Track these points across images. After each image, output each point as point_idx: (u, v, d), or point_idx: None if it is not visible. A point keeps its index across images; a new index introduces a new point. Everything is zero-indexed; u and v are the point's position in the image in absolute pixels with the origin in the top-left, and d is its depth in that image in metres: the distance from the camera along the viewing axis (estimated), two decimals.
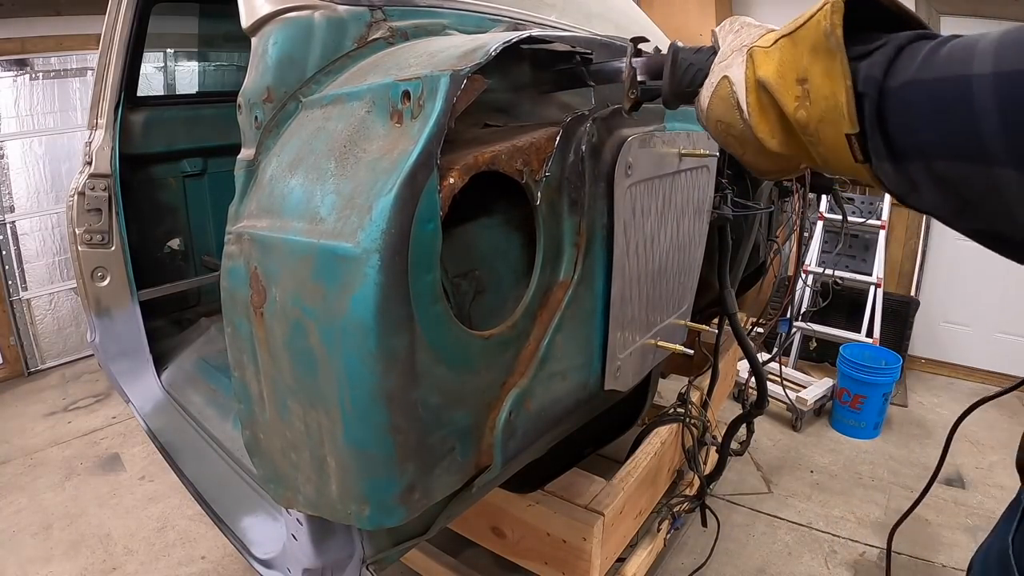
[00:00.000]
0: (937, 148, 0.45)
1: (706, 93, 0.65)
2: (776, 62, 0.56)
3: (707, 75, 0.66)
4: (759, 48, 0.58)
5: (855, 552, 2.25)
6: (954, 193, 0.46)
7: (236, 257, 0.82)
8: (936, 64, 0.45)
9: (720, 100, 0.62)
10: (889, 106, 0.47)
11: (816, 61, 0.52)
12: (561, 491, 1.45)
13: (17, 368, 3.64)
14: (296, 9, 0.88)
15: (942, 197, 0.47)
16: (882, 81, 0.47)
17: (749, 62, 0.59)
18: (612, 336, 0.99)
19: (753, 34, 0.61)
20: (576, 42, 0.90)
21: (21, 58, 3.44)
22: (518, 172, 0.78)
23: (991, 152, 0.41)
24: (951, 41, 0.46)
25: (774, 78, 0.56)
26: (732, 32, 0.64)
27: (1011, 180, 0.41)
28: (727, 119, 0.62)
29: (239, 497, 1.40)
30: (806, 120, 0.54)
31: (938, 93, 0.44)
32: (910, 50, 0.47)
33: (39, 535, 2.30)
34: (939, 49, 0.46)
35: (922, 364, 3.82)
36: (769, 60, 0.57)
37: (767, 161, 0.62)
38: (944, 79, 0.43)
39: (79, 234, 1.80)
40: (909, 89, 0.46)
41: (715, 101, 0.63)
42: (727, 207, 1.34)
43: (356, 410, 0.69)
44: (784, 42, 0.55)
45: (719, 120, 0.63)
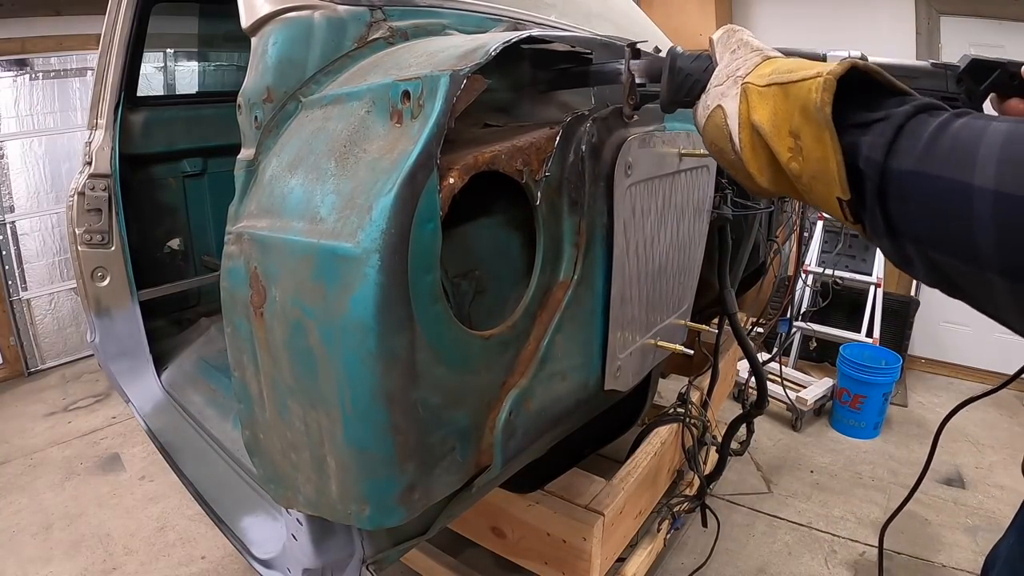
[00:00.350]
0: (933, 241, 0.46)
1: (702, 113, 0.65)
2: (770, 110, 0.56)
3: (703, 88, 0.66)
4: (753, 87, 0.58)
5: (855, 552, 2.25)
6: (947, 279, 0.48)
7: (236, 257, 0.82)
8: (938, 157, 0.45)
9: (714, 127, 0.63)
10: (889, 190, 0.48)
11: (806, 124, 0.53)
12: (561, 491, 1.45)
13: (17, 368, 3.64)
14: (296, 9, 0.88)
15: (935, 278, 0.49)
16: (882, 163, 0.48)
17: (743, 98, 0.59)
18: (612, 336, 0.99)
19: (748, 62, 0.61)
20: (576, 42, 0.91)
21: (21, 58, 3.44)
22: (518, 172, 0.78)
23: (984, 259, 0.42)
24: (953, 124, 0.46)
25: (768, 126, 0.56)
26: (728, 51, 0.64)
27: (1002, 287, 0.43)
28: (720, 145, 0.63)
29: (239, 497, 1.40)
30: (799, 172, 0.55)
31: (938, 193, 0.45)
32: (911, 130, 0.48)
33: (39, 535, 2.31)
34: (941, 135, 0.46)
35: (922, 364, 3.83)
36: (763, 104, 0.57)
37: (757, 189, 0.63)
38: (945, 180, 0.44)
39: (79, 234, 1.80)
40: (910, 180, 0.46)
41: (709, 127, 0.64)
42: (727, 207, 1.34)
43: (356, 410, 0.69)
44: (777, 90, 0.56)
45: (713, 143, 0.64)
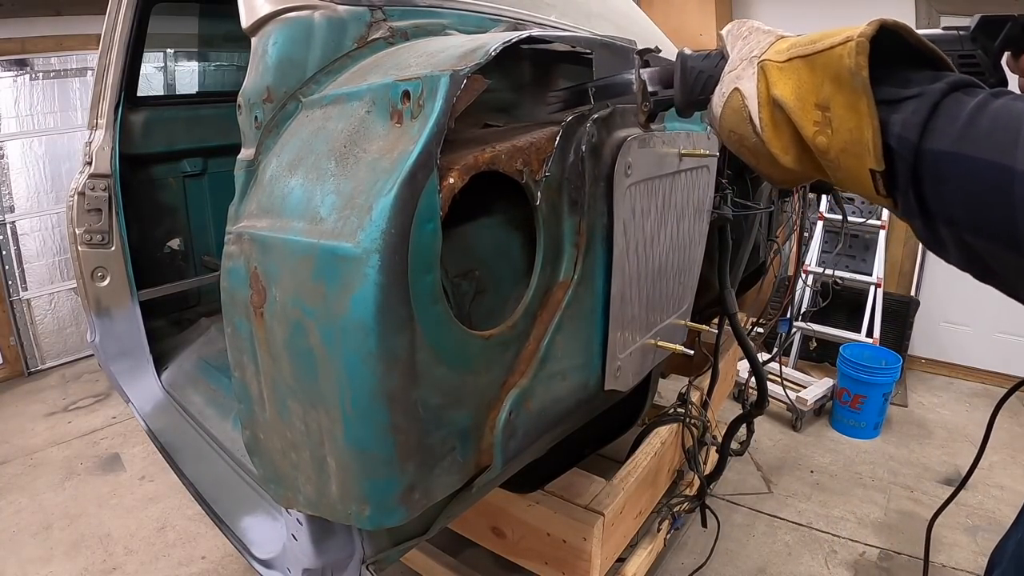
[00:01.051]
0: (970, 224, 0.45)
1: (717, 102, 0.64)
2: (793, 83, 0.54)
3: (717, 82, 0.64)
4: (772, 63, 0.57)
5: (855, 552, 2.25)
6: (981, 262, 0.47)
7: (236, 257, 0.82)
8: (977, 138, 0.44)
9: (732, 112, 0.61)
10: (924, 170, 0.47)
11: (838, 92, 0.51)
12: (561, 491, 1.45)
13: (17, 368, 3.64)
14: (296, 9, 0.88)
15: (968, 260, 0.48)
16: (917, 143, 0.46)
17: (761, 76, 0.58)
18: (612, 336, 0.99)
19: (762, 42, 0.60)
20: (576, 42, 0.91)
21: (21, 58, 3.44)
22: (518, 172, 0.78)
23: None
24: (991, 104, 0.45)
25: (791, 100, 0.54)
26: (740, 38, 0.63)
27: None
28: (739, 131, 0.61)
29: (239, 497, 1.40)
30: (826, 147, 0.53)
31: (978, 175, 0.43)
32: (947, 108, 0.46)
33: (39, 535, 2.31)
34: (979, 116, 0.44)
35: (922, 364, 3.83)
36: (784, 79, 0.55)
37: (781, 173, 0.61)
38: (985, 163, 0.43)
39: (79, 234, 1.80)
40: (947, 160, 0.45)
41: (727, 112, 0.62)
42: (727, 207, 1.34)
43: (356, 410, 0.69)
44: (800, 63, 0.54)
45: (731, 131, 0.62)
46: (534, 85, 0.99)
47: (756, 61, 0.59)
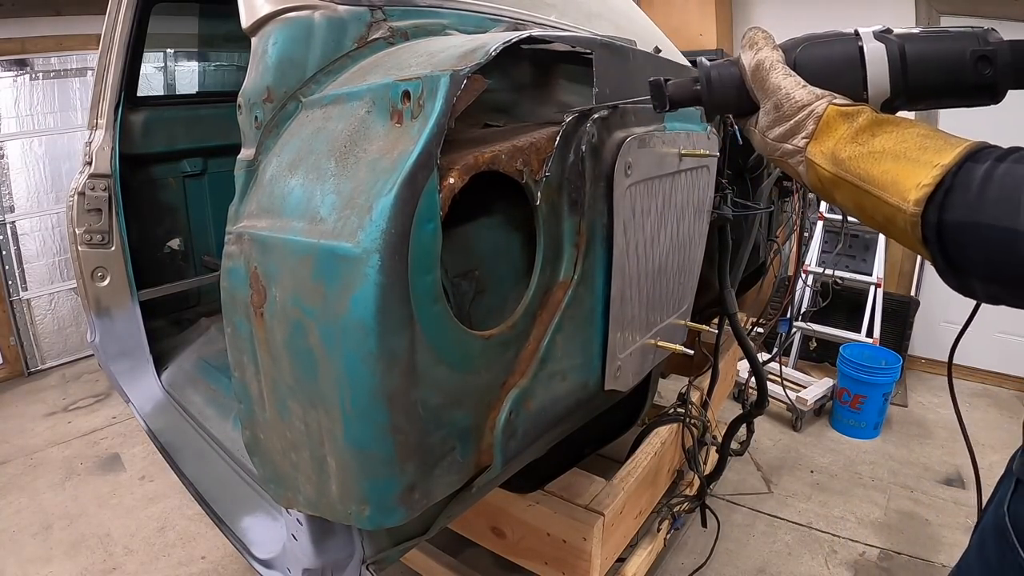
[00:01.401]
0: (991, 278, 0.54)
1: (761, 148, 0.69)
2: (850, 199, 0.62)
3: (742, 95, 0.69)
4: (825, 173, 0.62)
5: (855, 552, 2.25)
6: (1003, 301, 0.56)
7: (236, 257, 0.82)
8: (985, 207, 0.51)
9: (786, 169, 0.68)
10: (947, 238, 0.55)
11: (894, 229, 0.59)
12: (561, 491, 1.45)
13: (17, 368, 3.64)
14: (296, 9, 0.88)
15: (993, 301, 0.57)
16: (936, 221, 0.54)
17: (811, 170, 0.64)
18: (612, 336, 0.99)
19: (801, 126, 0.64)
20: (576, 42, 0.90)
21: (21, 58, 3.45)
22: (518, 172, 0.78)
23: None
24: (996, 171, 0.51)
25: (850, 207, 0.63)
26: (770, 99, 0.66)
27: None
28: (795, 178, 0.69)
29: (239, 497, 1.40)
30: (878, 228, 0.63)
31: (989, 238, 0.51)
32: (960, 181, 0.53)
33: (39, 535, 2.31)
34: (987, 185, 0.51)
35: (922, 364, 3.83)
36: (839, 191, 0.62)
37: None
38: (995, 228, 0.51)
39: (79, 234, 1.80)
40: (963, 228, 0.53)
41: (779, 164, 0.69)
42: (727, 207, 1.34)
43: (356, 410, 0.69)
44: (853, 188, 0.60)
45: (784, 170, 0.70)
46: (534, 85, 0.99)
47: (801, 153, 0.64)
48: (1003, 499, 0.70)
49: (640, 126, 0.98)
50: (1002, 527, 0.68)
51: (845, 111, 0.62)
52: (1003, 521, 0.68)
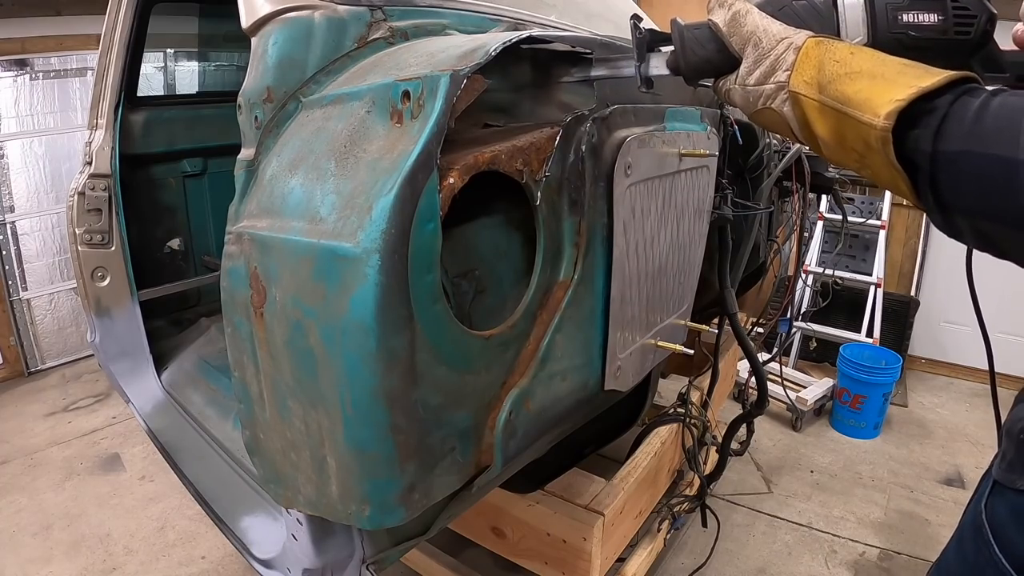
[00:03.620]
0: (983, 213, 0.51)
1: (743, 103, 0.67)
2: (831, 128, 0.59)
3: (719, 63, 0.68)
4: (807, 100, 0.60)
5: (855, 552, 2.25)
6: (995, 245, 0.53)
7: (236, 257, 0.82)
8: (982, 135, 0.49)
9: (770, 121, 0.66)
10: (939, 168, 0.52)
11: (871, 154, 0.56)
12: (561, 491, 1.45)
13: (17, 368, 3.64)
14: (296, 9, 0.88)
15: (984, 244, 0.54)
16: (931, 151, 0.52)
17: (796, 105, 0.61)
18: (612, 336, 0.99)
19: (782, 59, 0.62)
20: (576, 42, 0.91)
21: (21, 58, 3.44)
22: (518, 172, 0.78)
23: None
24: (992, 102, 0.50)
25: (831, 140, 0.60)
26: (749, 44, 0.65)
27: None
28: (781, 133, 0.66)
29: (239, 497, 1.40)
30: (868, 178, 0.60)
31: (986, 168, 0.49)
32: (955, 112, 0.51)
33: (39, 535, 2.30)
34: (983, 114, 0.50)
35: (922, 364, 3.82)
36: (822, 120, 0.59)
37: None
38: (991, 156, 0.48)
39: (79, 234, 1.80)
40: (958, 158, 0.51)
41: (763, 117, 0.66)
42: (727, 207, 1.34)
43: (356, 410, 0.69)
44: (833, 113, 0.58)
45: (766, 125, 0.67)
46: (534, 85, 0.99)
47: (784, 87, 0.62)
48: (982, 496, 0.71)
49: (640, 126, 0.98)
50: (979, 524, 0.69)
51: (822, 39, 0.61)
52: (980, 518, 0.69)
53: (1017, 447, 0.66)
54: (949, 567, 0.77)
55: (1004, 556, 0.65)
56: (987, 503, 0.70)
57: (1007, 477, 0.67)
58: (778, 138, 1.70)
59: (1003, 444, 0.70)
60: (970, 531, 0.72)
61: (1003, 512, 0.67)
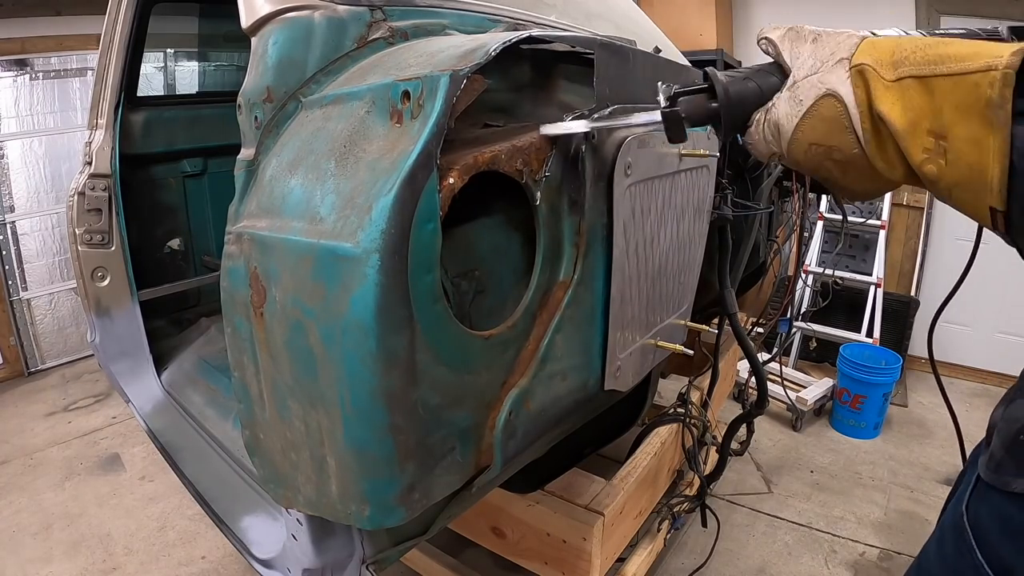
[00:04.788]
0: None
1: (788, 112, 0.57)
2: (901, 105, 0.50)
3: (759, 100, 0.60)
4: (874, 72, 0.51)
5: (855, 552, 2.25)
6: None
7: (236, 257, 0.82)
8: None
9: (822, 122, 0.55)
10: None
11: (962, 124, 0.47)
12: (561, 491, 1.45)
13: (17, 368, 3.64)
14: (296, 9, 0.88)
15: None
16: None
17: (859, 81, 0.52)
18: (612, 336, 0.99)
19: (843, 43, 0.54)
20: (576, 42, 0.90)
21: (21, 58, 3.44)
22: (518, 172, 0.77)
23: None
24: None
25: (900, 122, 0.50)
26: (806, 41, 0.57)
27: None
28: (832, 142, 0.55)
29: (239, 497, 1.40)
30: (936, 177, 0.50)
31: None
32: None
33: (39, 535, 2.31)
34: None
35: (922, 364, 3.82)
36: (892, 97, 0.50)
37: (872, 187, 0.57)
38: None
39: (79, 234, 1.80)
40: None
41: (812, 122, 0.56)
42: (727, 207, 1.34)
43: (356, 410, 0.69)
44: (913, 83, 0.49)
45: (815, 143, 0.56)
46: (534, 85, 0.99)
47: (847, 64, 0.53)
48: (962, 496, 0.67)
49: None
50: (960, 527, 0.66)
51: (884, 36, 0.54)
52: (962, 521, 0.66)
53: (1008, 448, 0.63)
54: (930, 568, 0.75)
55: (987, 562, 0.62)
56: (969, 504, 0.67)
57: (996, 478, 0.63)
58: None
59: (991, 443, 0.66)
60: (951, 533, 0.69)
61: (987, 516, 0.64)
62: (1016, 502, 0.60)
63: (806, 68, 0.57)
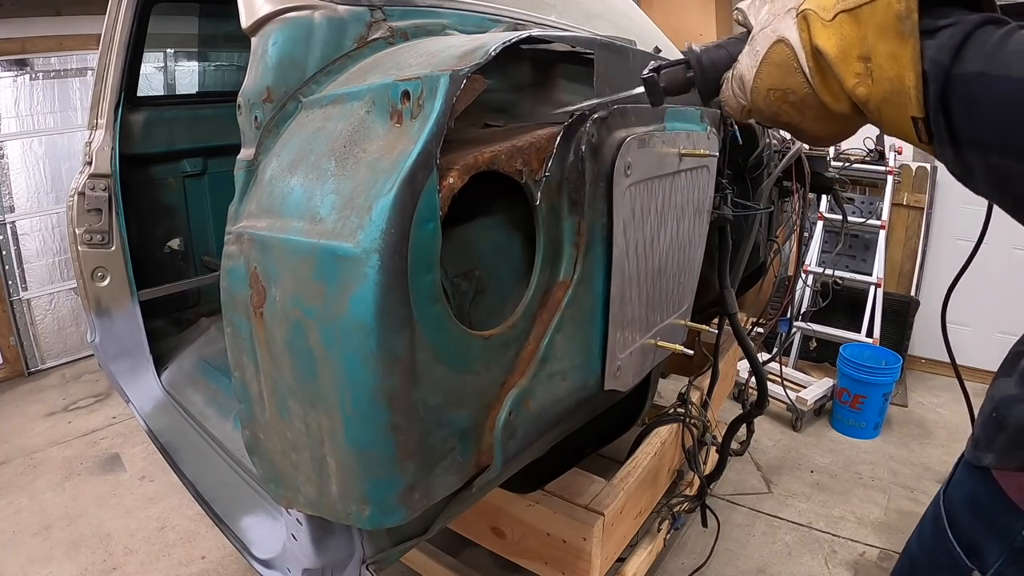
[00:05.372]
0: (997, 145, 0.46)
1: (749, 64, 0.62)
2: (836, 36, 0.54)
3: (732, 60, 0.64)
4: (815, 15, 0.55)
5: (855, 552, 2.25)
6: (1010, 188, 0.49)
7: (236, 257, 0.82)
8: (1006, 59, 0.45)
9: (775, 67, 0.60)
10: (954, 94, 0.47)
11: (882, 42, 0.51)
12: (561, 491, 1.45)
13: (17, 368, 3.64)
14: (296, 9, 0.88)
15: (998, 189, 0.50)
16: (949, 67, 0.48)
17: (803, 24, 0.57)
18: (612, 336, 0.99)
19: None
20: (576, 42, 0.90)
21: (21, 58, 3.44)
22: (518, 172, 0.78)
23: None
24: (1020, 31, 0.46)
25: (834, 51, 0.54)
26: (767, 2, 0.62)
27: None
28: (786, 85, 0.59)
29: (239, 497, 1.40)
30: (866, 97, 0.54)
31: (1006, 94, 0.45)
32: (978, 36, 0.47)
33: (39, 535, 2.31)
34: (1008, 40, 0.46)
35: (922, 364, 3.82)
36: (827, 32, 0.55)
37: (828, 126, 0.61)
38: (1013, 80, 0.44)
39: (79, 234, 1.80)
40: (975, 82, 0.46)
41: (767, 70, 0.60)
42: (727, 207, 1.34)
43: (356, 410, 0.69)
44: (845, 18, 0.53)
45: (772, 88, 0.61)
46: (534, 85, 0.99)
47: (795, 11, 0.58)
48: (945, 484, 0.74)
49: (640, 126, 0.98)
50: (937, 511, 0.71)
51: None
52: (938, 505, 0.72)
53: (984, 425, 0.67)
54: (911, 553, 0.80)
55: (957, 542, 0.67)
56: (947, 489, 0.72)
57: (972, 454, 0.68)
58: (778, 138, 1.70)
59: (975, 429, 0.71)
60: (931, 518, 0.74)
61: (959, 498, 0.69)
62: (986, 480, 0.65)
63: (762, 22, 0.61)
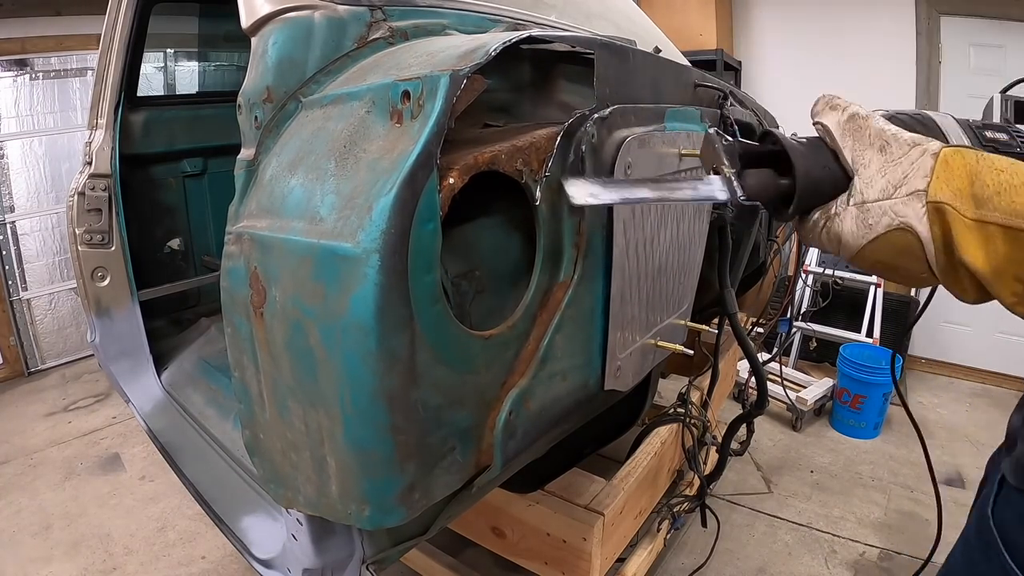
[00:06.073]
0: None
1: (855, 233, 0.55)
2: (986, 251, 0.49)
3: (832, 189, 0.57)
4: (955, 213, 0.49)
5: (855, 552, 2.25)
6: None
7: (236, 257, 0.82)
8: None
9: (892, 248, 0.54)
10: None
11: None
12: (561, 491, 1.45)
13: (17, 368, 3.64)
14: (296, 9, 0.88)
15: None
16: None
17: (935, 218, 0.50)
18: (612, 336, 0.99)
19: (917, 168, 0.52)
20: (577, 42, 0.90)
21: (21, 58, 3.45)
22: (518, 172, 0.77)
23: None
24: None
25: (985, 269, 0.49)
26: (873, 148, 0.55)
27: None
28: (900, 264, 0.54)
29: (239, 497, 1.40)
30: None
31: None
32: None
33: (39, 535, 2.31)
34: None
35: (922, 364, 3.83)
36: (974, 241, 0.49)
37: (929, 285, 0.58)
38: None
39: (79, 234, 1.80)
40: None
41: (882, 246, 0.54)
42: (727, 207, 1.34)
43: (356, 410, 0.69)
44: (999, 232, 0.48)
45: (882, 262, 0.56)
46: (534, 85, 0.99)
47: (922, 197, 0.51)
48: (987, 501, 0.68)
49: (640, 126, 0.98)
50: (986, 529, 0.66)
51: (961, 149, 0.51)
52: (987, 523, 0.66)
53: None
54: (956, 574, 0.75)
55: (1015, 562, 0.62)
56: (995, 508, 0.67)
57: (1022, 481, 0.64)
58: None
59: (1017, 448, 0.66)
60: (977, 538, 0.69)
61: (1012, 517, 0.64)
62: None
63: (876, 189, 0.54)
